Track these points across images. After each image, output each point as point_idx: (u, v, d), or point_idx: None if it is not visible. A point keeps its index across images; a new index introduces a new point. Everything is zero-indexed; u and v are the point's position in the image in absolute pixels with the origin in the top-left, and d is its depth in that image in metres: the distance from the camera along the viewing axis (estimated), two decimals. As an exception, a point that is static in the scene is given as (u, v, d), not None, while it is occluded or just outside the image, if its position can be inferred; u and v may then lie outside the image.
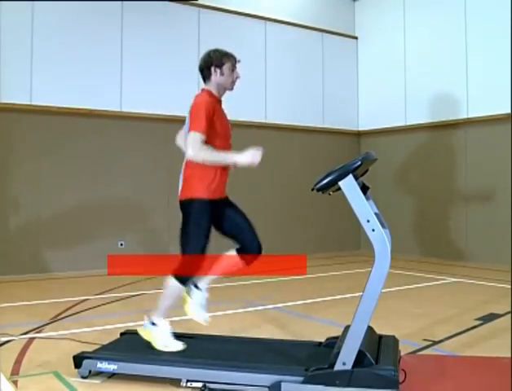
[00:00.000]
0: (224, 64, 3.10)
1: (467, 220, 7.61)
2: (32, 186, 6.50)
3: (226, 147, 3.09)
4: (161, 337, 3.03)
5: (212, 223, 3.07)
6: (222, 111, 3.15)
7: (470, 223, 7.56)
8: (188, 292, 3.13)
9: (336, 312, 4.52)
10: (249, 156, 2.91)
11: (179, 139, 3.31)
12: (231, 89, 3.18)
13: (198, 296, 3.14)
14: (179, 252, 3.05)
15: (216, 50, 3.14)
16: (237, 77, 3.17)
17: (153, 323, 3.06)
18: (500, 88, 7.01)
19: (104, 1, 6.90)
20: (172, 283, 3.03)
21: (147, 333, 3.06)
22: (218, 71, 3.09)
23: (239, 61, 3.19)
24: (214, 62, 3.09)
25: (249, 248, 3.12)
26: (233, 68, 3.14)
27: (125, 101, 7.07)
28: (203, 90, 3.14)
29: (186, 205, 3.05)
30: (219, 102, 3.14)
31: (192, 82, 6.60)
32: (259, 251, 3.14)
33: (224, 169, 3.08)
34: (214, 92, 3.11)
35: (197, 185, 3.01)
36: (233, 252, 3.16)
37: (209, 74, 3.11)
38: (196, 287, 3.16)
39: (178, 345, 3.02)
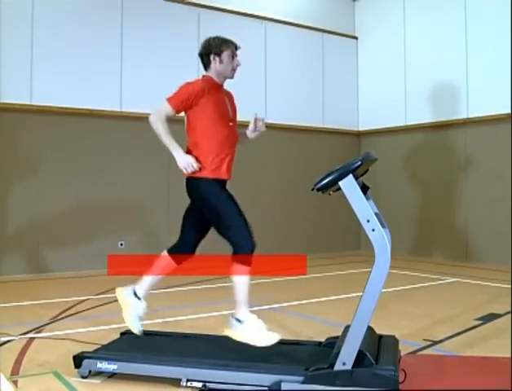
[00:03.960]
0: (223, 52, 3.09)
1: (467, 220, 7.61)
2: (32, 185, 6.50)
3: (226, 130, 3.07)
4: (253, 332, 2.89)
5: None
6: (222, 96, 3.13)
7: (470, 223, 7.56)
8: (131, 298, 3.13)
9: (336, 312, 4.52)
10: (182, 163, 2.96)
11: None
12: (232, 77, 3.16)
13: (137, 307, 3.14)
14: (226, 239, 2.97)
15: (216, 38, 3.13)
16: (237, 65, 3.15)
17: (239, 320, 2.93)
18: (500, 88, 7.01)
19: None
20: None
21: (235, 333, 2.93)
22: (218, 59, 3.09)
23: (239, 48, 3.17)
24: (213, 49, 3.09)
25: (187, 247, 3.14)
26: (233, 56, 3.12)
27: (125, 101, 7.07)
28: (203, 76, 3.14)
29: (191, 184, 3.04)
30: (219, 87, 3.13)
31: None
32: (193, 252, 3.17)
33: (227, 153, 3.06)
34: (214, 78, 3.11)
35: (203, 164, 3.00)
36: (164, 253, 3.18)
37: (209, 62, 3.11)
38: (136, 295, 3.14)
39: (274, 336, 2.88)
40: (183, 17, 7.55)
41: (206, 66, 3.14)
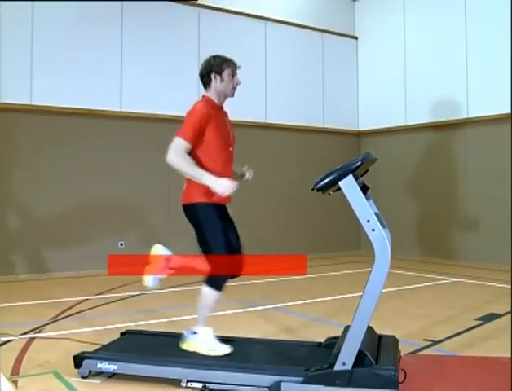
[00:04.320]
0: (224, 71, 3.08)
1: (467, 220, 7.61)
2: (32, 186, 6.50)
3: (225, 154, 3.07)
4: (206, 343, 2.98)
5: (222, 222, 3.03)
6: (222, 118, 3.13)
7: (470, 223, 7.56)
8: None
9: (336, 312, 4.52)
10: (222, 187, 2.86)
11: None
12: (232, 95, 3.15)
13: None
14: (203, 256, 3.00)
15: (216, 57, 3.12)
16: (237, 84, 3.15)
17: (194, 333, 3.03)
18: (500, 88, 7.02)
19: (104, 0, 6.91)
20: (206, 291, 2.96)
21: (189, 344, 3.01)
22: (219, 77, 3.08)
23: (239, 67, 3.17)
24: (213, 68, 3.08)
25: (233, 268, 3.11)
26: (233, 74, 3.12)
27: (125, 101, 7.07)
28: (203, 96, 3.13)
29: (188, 211, 3.05)
30: (220, 109, 3.13)
31: (192, 82, 6.58)
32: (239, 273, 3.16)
33: (227, 177, 3.00)
34: (215, 99, 3.10)
35: (197, 190, 2.98)
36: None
37: (210, 81, 3.10)
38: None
39: (226, 348, 2.96)
40: (183, 17, 7.55)
41: (206, 85, 3.12)
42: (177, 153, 2.89)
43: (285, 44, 8.50)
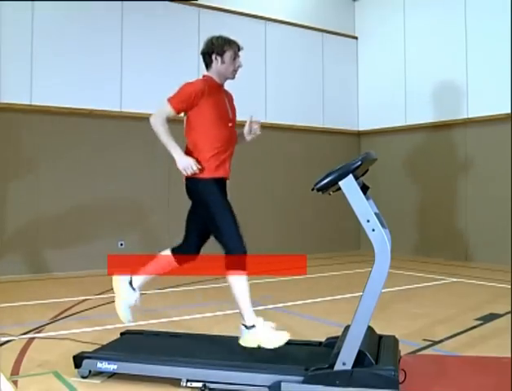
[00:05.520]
0: (225, 52, 3.09)
1: (467, 220, 7.61)
2: (32, 185, 6.50)
3: (224, 130, 3.07)
4: (266, 333, 2.87)
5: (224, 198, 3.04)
6: (221, 96, 3.13)
7: (470, 223, 7.56)
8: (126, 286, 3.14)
9: (336, 312, 4.52)
10: (183, 164, 2.95)
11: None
12: (233, 77, 3.16)
13: (130, 296, 3.15)
14: (220, 242, 2.97)
15: (219, 37, 3.13)
16: (239, 66, 3.15)
17: (246, 327, 2.91)
18: (500, 88, 7.02)
19: (104, 0, 6.91)
20: (233, 279, 2.92)
21: (246, 340, 2.90)
22: (220, 59, 3.09)
23: (242, 48, 3.17)
24: (215, 49, 3.09)
25: (190, 249, 3.15)
26: (235, 57, 3.12)
27: (125, 101, 7.07)
28: (204, 75, 3.14)
29: (192, 188, 3.05)
30: (219, 87, 3.14)
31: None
32: (197, 254, 3.18)
33: (227, 153, 3.07)
34: (215, 78, 3.11)
35: (202, 165, 2.99)
36: (168, 252, 3.19)
37: (211, 61, 3.11)
38: (131, 285, 3.16)
39: (284, 335, 2.86)
40: (183, 17, 7.55)
41: (208, 65, 3.14)
42: (159, 116, 2.98)
43: (285, 44, 8.50)
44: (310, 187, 2.70)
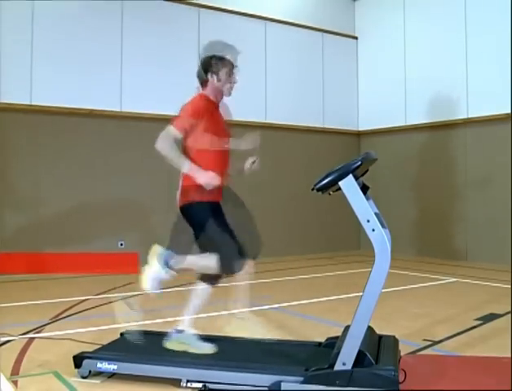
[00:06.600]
0: (221, 70, 3.08)
1: (467, 220, 7.61)
2: (32, 186, 6.50)
3: (220, 153, 3.06)
4: (194, 342, 3.03)
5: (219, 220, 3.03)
6: (218, 115, 3.13)
7: (470, 223, 7.56)
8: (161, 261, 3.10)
9: (336, 312, 4.52)
10: (205, 177, 2.90)
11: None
12: (229, 94, 3.15)
13: (163, 273, 3.10)
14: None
15: (214, 56, 3.10)
16: (234, 83, 3.15)
17: (178, 331, 3.06)
18: (500, 88, 7.02)
19: (104, 0, 6.91)
20: (201, 288, 3.06)
21: (178, 344, 3.03)
22: (215, 77, 3.08)
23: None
24: (210, 68, 3.08)
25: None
26: (230, 74, 3.12)
27: (125, 101, 7.07)
28: (200, 95, 3.13)
29: (186, 211, 3.05)
30: (216, 106, 3.13)
31: (192, 82, 6.56)
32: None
33: (222, 174, 3.04)
34: (211, 97, 3.10)
35: (193, 190, 2.98)
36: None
37: (207, 80, 3.10)
38: (167, 265, 3.12)
39: (211, 348, 2.98)
40: (183, 17, 7.55)
41: (203, 84, 3.14)
42: (165, 140, 2.92)
43: (285, 44, 8.50)
44: (310, 187, 2.70)
